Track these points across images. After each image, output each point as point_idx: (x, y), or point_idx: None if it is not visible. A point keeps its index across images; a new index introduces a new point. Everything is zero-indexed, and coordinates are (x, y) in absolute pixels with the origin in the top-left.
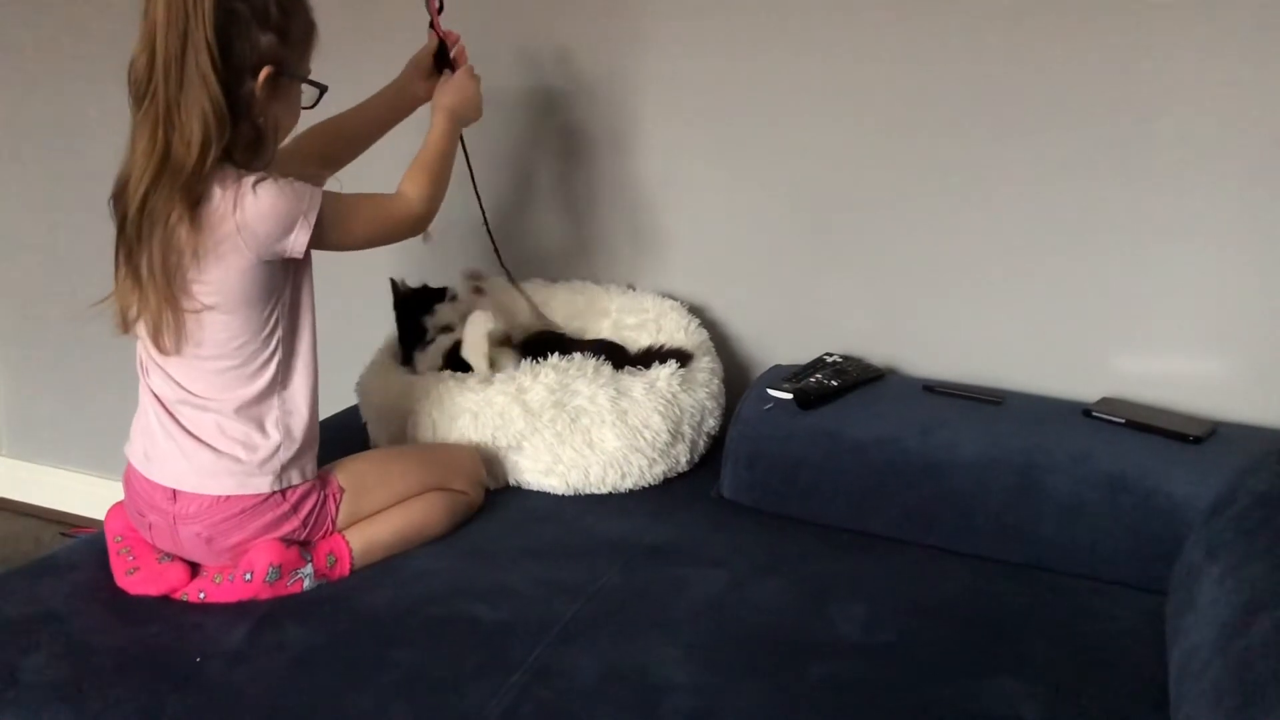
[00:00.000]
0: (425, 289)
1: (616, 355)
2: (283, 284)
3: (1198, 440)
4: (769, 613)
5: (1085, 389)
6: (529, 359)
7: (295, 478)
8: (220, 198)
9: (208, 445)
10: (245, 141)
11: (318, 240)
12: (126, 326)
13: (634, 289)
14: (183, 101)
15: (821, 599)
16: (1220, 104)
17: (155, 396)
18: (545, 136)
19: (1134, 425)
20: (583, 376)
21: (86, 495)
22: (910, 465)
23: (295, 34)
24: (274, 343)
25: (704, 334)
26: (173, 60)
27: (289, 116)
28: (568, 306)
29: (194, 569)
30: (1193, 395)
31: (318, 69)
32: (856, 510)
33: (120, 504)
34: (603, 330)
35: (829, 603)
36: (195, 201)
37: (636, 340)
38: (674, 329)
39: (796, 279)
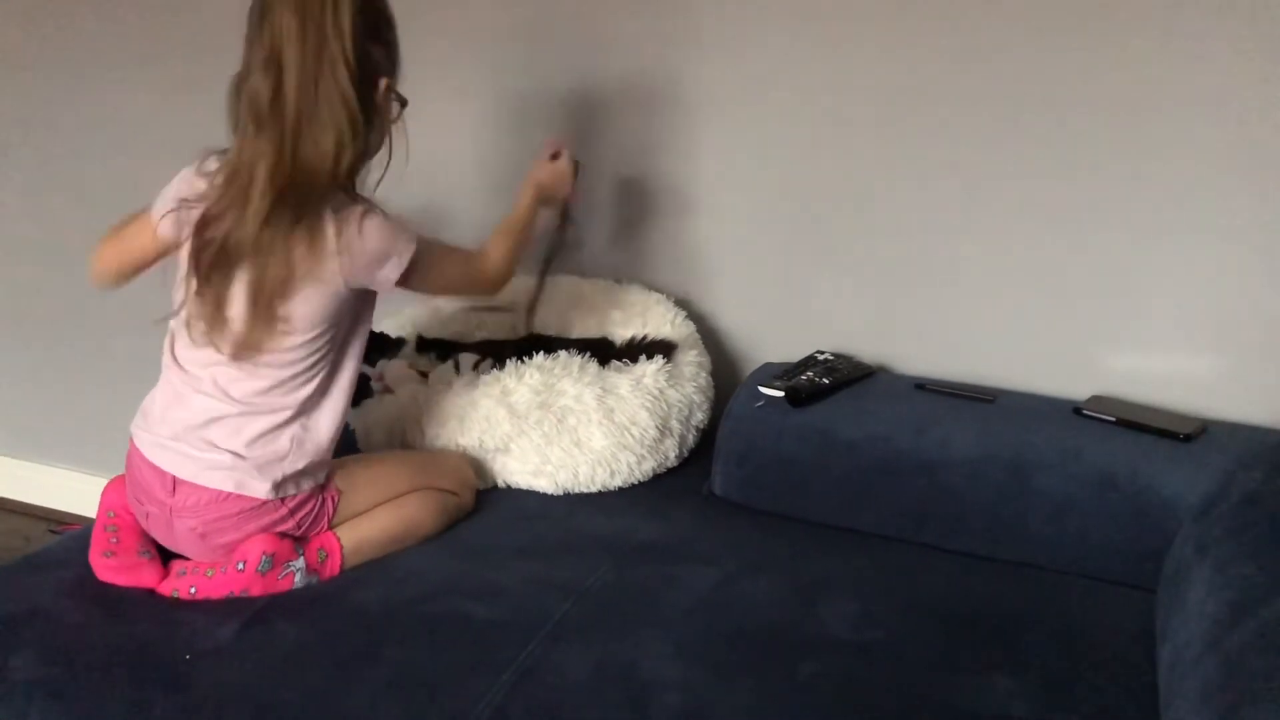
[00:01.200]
0: (384, 336)
1: (602, 351)
2: (348, 314)
3: (1188, 438)
4: (760, 610)
5: (1076, 387)
6: (514, 360)
7: (292, 489)
8: (330, 220)
9: (213, 443)
10: (373, 152)
11: (404, 280)
12: (196, 335)
13: (620, 283)
14: (317, 117)
15: (812, 596)
16: (1212, 103)
17: (181, 368)
18: (532, 133)
19: (1124, 423)
20: (568, 376)
21: (75, 492)
22: (901, 463)
23: (395, 46)
24: (320, 368)
25: (691, 326)
26: (309, 79)
27: (386, 131)
28: (554, 302)
29: (166, 570)
30: (1183, 394)
31: None
32: (847, 508)
33: (121, 478)
34: (589, 325)
35: (820, 600)
36: (315, 220)
37: (623, 335)
38: (660, 322)
39: (787, 276)
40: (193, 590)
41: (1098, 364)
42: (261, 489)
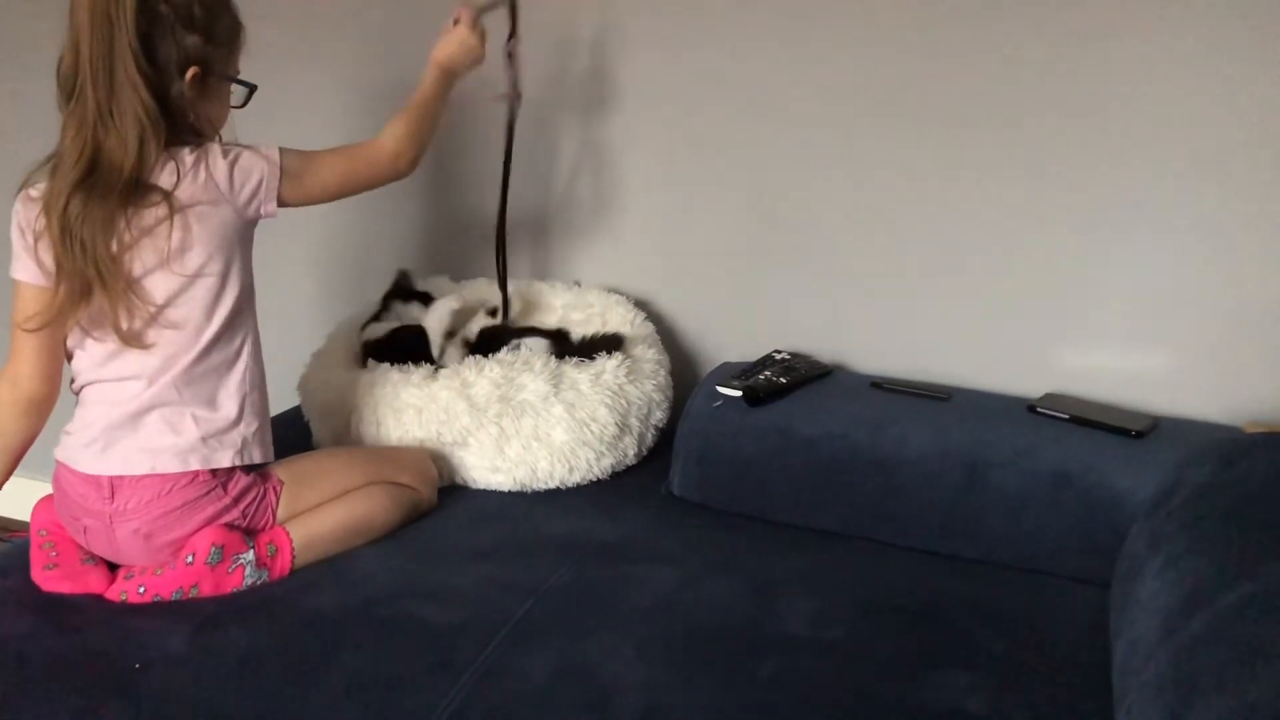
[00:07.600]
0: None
1: (560, 344)
2: (235, 253)
3: (1139, 435)
4: (719, 610)
5: (1030, 385)
6: (475, 355)
7: (258, 455)
8: (192, 165)
9: (155, 430)
10: (185, 135)
11: (293, 191)
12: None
13: (580, 285)
14: (114, 107)
15: (771, 595)
16: (1160, 103)
17: (97, 379)
18: (492, 133)
19: (1077, 420)
20: (529, 370)
21: (20, 499)
22: (858, 461)
23: (221, 34)
24: (232, 327)
25: (650, 326)
26: (100, 68)
27: (219, 115)
28: (514, 303)
29: (114, 575)
30: (1134, 390)
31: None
32: (805, 506)
33: (49, 497)
34: (549, 325)
35: (778, 599)
36: (148, 187)
37: (583, 335)
38: (620, 322)
39: (745, 276)
40: (141, 590)
41: (1051, 362)
42: (219, 459)
